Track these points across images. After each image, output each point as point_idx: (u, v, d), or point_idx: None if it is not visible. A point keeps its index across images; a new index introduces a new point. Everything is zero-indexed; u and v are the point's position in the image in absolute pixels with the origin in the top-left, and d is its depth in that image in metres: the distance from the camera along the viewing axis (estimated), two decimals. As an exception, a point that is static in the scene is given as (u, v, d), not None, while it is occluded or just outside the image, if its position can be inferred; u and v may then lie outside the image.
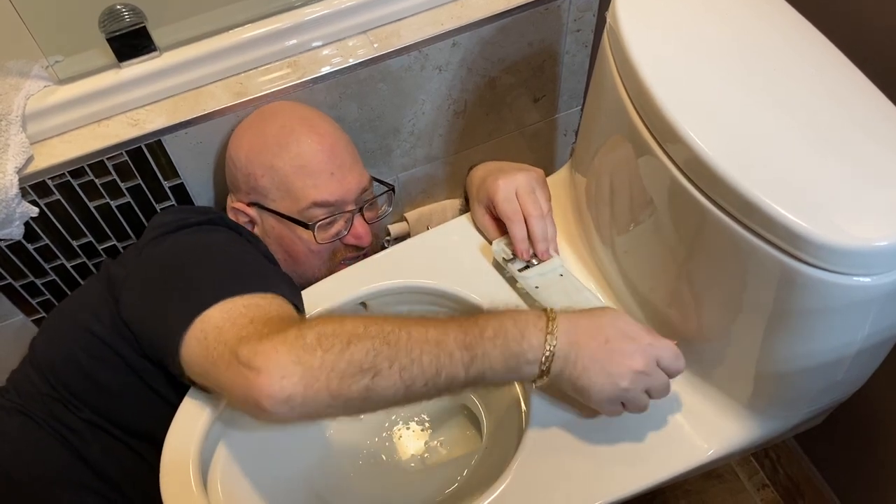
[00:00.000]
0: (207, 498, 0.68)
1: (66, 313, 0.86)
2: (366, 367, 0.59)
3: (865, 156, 0.59)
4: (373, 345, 0.60)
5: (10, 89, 0.87)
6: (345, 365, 0.59)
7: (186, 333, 0.67)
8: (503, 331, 0.64)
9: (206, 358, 0.65)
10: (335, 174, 0.89)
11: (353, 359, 0.59)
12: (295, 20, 0.95)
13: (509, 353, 0.63)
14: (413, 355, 0.60)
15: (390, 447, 0.88)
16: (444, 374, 0.61)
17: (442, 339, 0.62)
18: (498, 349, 0.63)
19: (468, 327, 0.64)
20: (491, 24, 1.02)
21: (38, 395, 0.81)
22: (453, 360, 0.62)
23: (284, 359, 0.58)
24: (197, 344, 0.66)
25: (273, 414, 0.59)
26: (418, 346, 0.61)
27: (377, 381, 0.59)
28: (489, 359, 0.63)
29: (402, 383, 0.60)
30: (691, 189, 0.61)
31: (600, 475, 0.70)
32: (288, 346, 0.59)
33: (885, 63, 0.70)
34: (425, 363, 0.61)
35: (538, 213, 0.82)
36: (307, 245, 0.90)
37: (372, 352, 0.59)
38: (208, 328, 0.66)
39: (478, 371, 0.62)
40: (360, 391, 0.59)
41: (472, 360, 0.62)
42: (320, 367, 0.58)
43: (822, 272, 0.55)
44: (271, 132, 0.89)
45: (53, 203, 0.94)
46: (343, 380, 0.58)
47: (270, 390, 0.57)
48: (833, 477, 1.08)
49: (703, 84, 0.64)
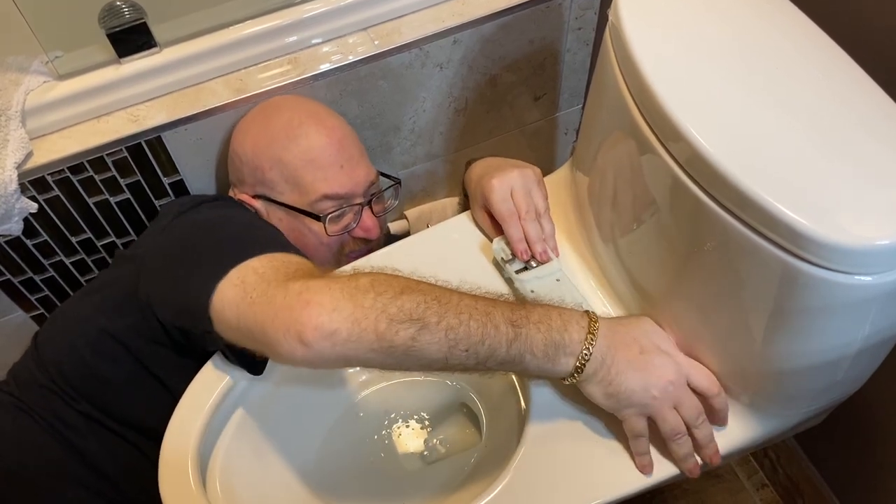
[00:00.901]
0: (206, 494, 0.68)
1: (73, 308, 0.87)
2: (415, 317, 0.59)
3: (867, 155, 0.58)
4: (424, 298, 0.60)
5: (9, 84, 0.87)
6: (395, 310, 0.59)
7: (221, 282, 0.66)
8: (548, 319, 0.65)
9: (243, 300, 0.64)
10: (344, 167, 0.89)
11: (403, 306, 0.59)
12: (295, 17, 0.95)
13: (551, 341, 0.64)
14: (462, 318, 0.61)
15: (390, 445, 0.88)
16: (488, 344, 0.62)
17: (490, 311, 0.63)
18: (541, 334, 0.64)
19: (515, 307, 0.65)
20: (492, 22, 1.01)
21: (36, 387, 0.81)
22: (499, 332, 0.62)
23: (338, 294, 0.59)
24: (233, 289, 0.65)
25: (313, 348, 0.58)
26: (467, 310, 0.62)
27: (423, 334, 0.59)
28: (531, 341, 0.63)
29: (446, 342, 0.60)
30: (693, 187, 0.60)
31: (599, 474, 0.70)
32: (341, 284, 0.59)
33: (888, 62, 0.70)
34: (472, 328, 0.61)
35: (533, 214, 0.81)
36: (318, 237, 0.90)
37: (423, 304, 0.60)
38: (248, 273, 0.66)
39: (518, 351, 0.63)
40: (406, 340, 0.59)
41: (516, 338, 0.63)
42: (371, 307, 0.59)
43: (824, 271, 0.55)
44: (278, 125, 0.89)
45: (53, 199, 0.93)
46: (391, 324, 0.59)
47: (319, 320, 0.57)
48: (832, 477, 1.08)
49: (706, 82, 0.64)
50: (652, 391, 0.66)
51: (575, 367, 0.65)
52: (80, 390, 0.80)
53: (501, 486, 0.68)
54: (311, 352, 0.58)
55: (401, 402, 0.90)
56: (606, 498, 0.68)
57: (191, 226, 0.79)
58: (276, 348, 0.60)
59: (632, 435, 0.68)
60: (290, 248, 0.72)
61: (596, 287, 0.83)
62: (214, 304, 0.66)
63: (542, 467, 0.70)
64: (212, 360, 0.76)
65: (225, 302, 0.66)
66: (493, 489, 0.68)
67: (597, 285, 0.83)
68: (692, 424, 0.67)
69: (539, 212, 0.82)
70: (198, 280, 0.68)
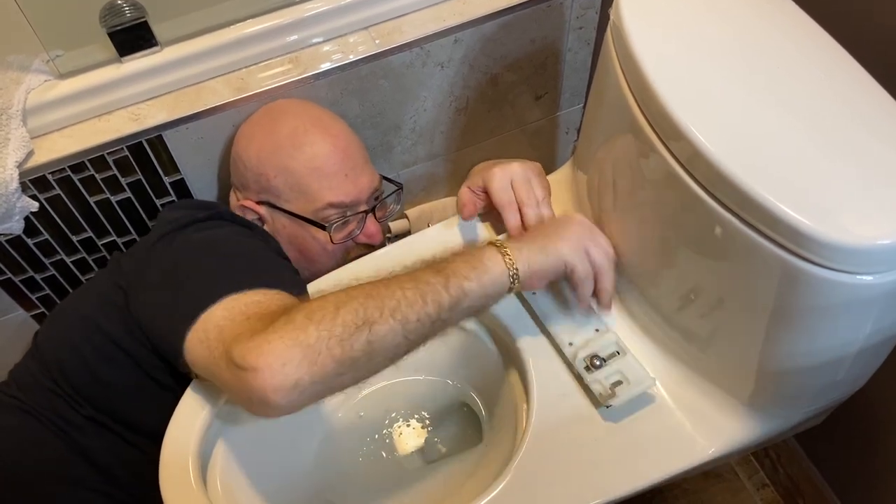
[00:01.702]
0: (207, 494, 0.68)
1: (73, 307, 0.86)
2: (360, 323, 0.60)
3: (869, 154, 0.58)
4: (358, 302, 0.61)
5: (10, 83, 0.87)
6: (340, 329, 0.59)
7: (189, 334, 0.67)
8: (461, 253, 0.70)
9: (208, 359, 0.65)
10: (349, 175, 0.89)
11: (346, 321, 0.60)
12: (296, 16, 0.95)
13: (474, 263, 0.68)
14: (396, 296, 0.63)
15: (390, 444, 0.88)
16: (430, 300, 0.64)
17: (415, 275, 0.66)
18: (463, 263, 0.68)
19: (430, 262, 0.69)
20: (493, 21, 1.01)
21: (39, 389, 0.81)
22: (431, 284, 0.65)
23: (278, 347, 0.58)
24: (199, 344, 0.66)
25: (284, 405, 0.58)
26: (397, 287, 0.64)
27: (375, 331, 0.60)
28: (460, 273, 0.67)
29: (398, 324, 0.62)
30: (694, 187, 0.60)
31: (600, 473, 0.70)
32: (279, 333, 0.59)
33: (890, 60, 0.70)
34: (409, 297, 0.63)
35: (532, 201, 0.81)
36: (322, 245, 0.91)
37: (360, 308, 0.61)
38: (210, 327, 0.66)
39: (456, 286, 0.66)
40: (363, 347, 0.60)
41: (447, 279, 0.66)
42: (317, 340, 0.58)
43: (825, 270, 0.55)
44: (284, 133, 0.89)
45: (54, 198, 0.93)
46: (343, 342, 0.59)
47: (274, 383, 0.57)
48: (833, 476, 1.08)
49: (707, 81, 0.64)
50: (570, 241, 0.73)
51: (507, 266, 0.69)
52: (82, 392, 0.80)
53: (502, 485, 0.68)
54: (284, 408, 0.59)
55: (401, 402, 0.90)
56: (606, 498, 0.68)
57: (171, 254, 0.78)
58: (251, 412, 0.61)
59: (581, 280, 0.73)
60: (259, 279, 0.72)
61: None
62: (187, 355, 0.68)
63: (542, 467, 0.70)
64: (212, 360, 0.76)
65: (196, 355, 0.67)
66: (493, 489, 0.68)
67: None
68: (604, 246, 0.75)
69: (538, 199, 0.82)
70: (171, 324, 0.70)
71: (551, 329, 0.77)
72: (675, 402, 0.73)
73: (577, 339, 0.76)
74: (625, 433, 0.72)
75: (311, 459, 0.83)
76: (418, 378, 0.90)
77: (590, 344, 0.75)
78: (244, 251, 0.79)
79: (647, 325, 0.78)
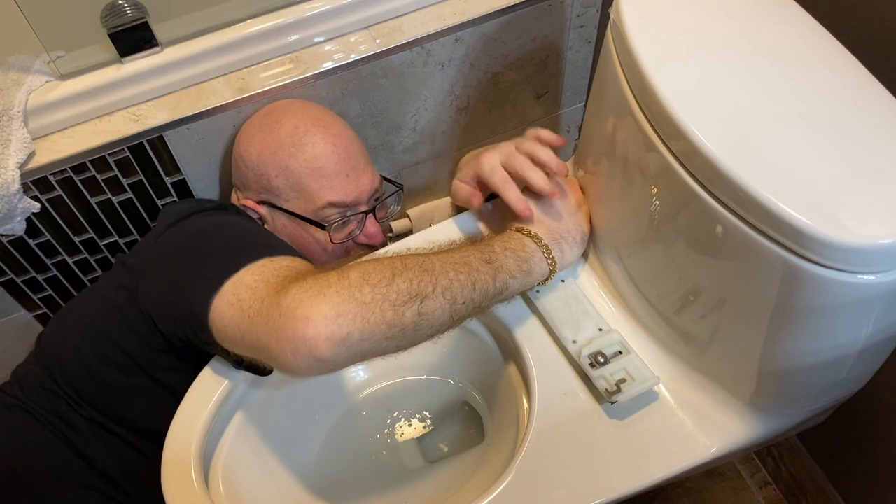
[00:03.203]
0: (209, 494, 0.68)
1: (76, 309, 0.86)
2: (413, 294, 0.62)
3: (870, 153, 0.58)
4: (414, 274, 0.63)
5: (11, 84, 0.87)
6: (395, 295, 0.61)
7: (216, 298, 0.66)
8: (508, 246, 0.74)
9: (242, 318, 0.63)
10: (350, 175, 0.89)
11: (400, 289, 0.61)
12: (297, 16, 0.95)
13: (520, 259, 0.73)
14: (450, 276, 0.65)
15: (392, 444, 0.88)
16: (478, 287, 0.67)
17: (467, 259, 0.68)
18: (511, 259, 0.72)
19: (481, 247, 0.72)
20: (494, 20, 1.01)
21: (41, 390, 0.81)
22: (481, 273, 0.68)
23: (335, 299, 0.58)
24: (230, 307, 0.65)
25: (329, 358, 0.57)
26: (452, 267, 0.66)
27: (426, 305, 0.62)
28: (507, 268, 0.71)
29: (447, 303, 0.64)
30: (695, 186, 0.60)
31: (602, 472, 0.70)
32: (334, 287, 0.59)
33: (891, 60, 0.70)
34: (462, 279, 0.66)
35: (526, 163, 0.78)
36: (321, 244, 0.91)
37: (415, 280, 0.63)
38: (241, 289, 0.65)
39: (502, 281, 0.70)
40: (413, 317, 0.61)
41: (496, 272, 0.70)
42: (373, 301, 0.59)
43: (827, 270, 0.54)
44: (284, 132, 0.89)
45: (55, 198, 0.94)
46: (396, 308, 0.60)
47: (328, 332, 0.57)
48: (836, 475, 1.08)
49: (708, 81, 0.64)
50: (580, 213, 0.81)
51: (549, 265, 0.76)
52: (83, 393, 0.80)
53: (504, 485, 0.68)
54: (328, 363, 0.58)
55: (403, 401, 0.90)
56: (608, 497, 0.68)
57: (185, 237, 0.78)
58: (289, 367, 0.59)
59: None
60: (280, 250, 0.72)
61: (598, 286, 0.83)
62: (214, 320, 0.66)
63: (544, 466, 0.70)
64: (213, 361, 0.77)
65: (225, 321, 0.65)
66: (495, 488, 0.68)
67: (599, 284, 0.83)
68: None
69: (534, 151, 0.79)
70: (192, 296, 0.68)
71: (554, 327, 0.77)
72: (676, 402, 0.73)
73: (581, 338, 0.76)
74: (627, 432, 0.72)
75: (313, 459, 0.83)
76: (420, 377, 0.90)
77: (593, 342, 0.75)
78: (258, 230, 0.81)
79: (648, 324, 0.78)
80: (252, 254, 0.69)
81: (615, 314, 0.81)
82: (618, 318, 0.80)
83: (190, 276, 0.71)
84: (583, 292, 0.81)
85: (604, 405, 0.73)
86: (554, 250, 0.76)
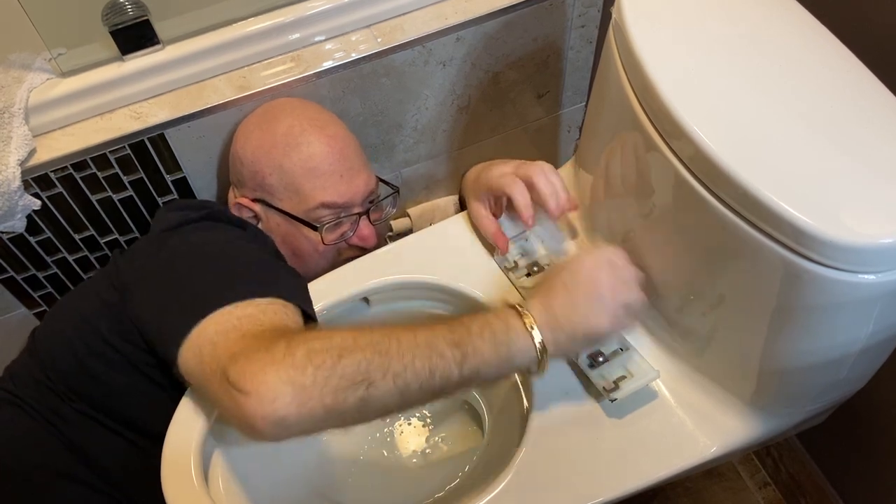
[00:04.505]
0: (209, 492, 0.68)
1: (70, 305, 0.86)
2: (359, 380, 0.58)
3: (871, 153, 0.58)
4: (364, 356, 0.59)
5: (12, 82, 0.87)
6: (337, 380, 0.58)
7: (183, 345, 0.67)
8: (488, 325, 0.65)
9: (201, 373, 0.65)
10: (344, 176, 0.89)
11: (345, 372, 0.58)
12: (298, 14, 0.95)
13: (498, 343, 0.64)
14: (405, 361, 0.60)
15: (392, 443, 0.88)
16: (438, 375, 0.61)
17: (431, 341, 0.62)
18: (487, 342, 0.64)
19: (454, 326, 0.64)
20: (495, 19, 1.01)
21: (33, 383, 0.81)
22: (445, 359, 0.61)
23: (273, 380, 0.57)
24: (193, 357, 0.66)
25: (268, 434, 0.58)
26: (409, 350, 0.61)
27: (372, 392, 0.59)
28: (480, 353, 0.63)
29: (396, 390, 0.59)
30: (696, 186, 0.60)
31: (602, 471, 0.70)
32: (276, 366, 0.58)
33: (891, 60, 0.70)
34: (418, 367, 0.60)
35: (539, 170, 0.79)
36: (313, 245, 0.91)
37: (364, 363, 0.59)
38: (203, 342, 0.65)
39: (471, 368, 0.62)
40: (356, 403, 0.58)
41: (464, 357, 0.62)
42: (312, 385, 0.57)
43: (827, 269, 0.54)
44: (280, 131, 0.89)
45: (56, 196, 0.94)
46: (337, 394, 0.58)
47: (263, 412, 0.56)
48: (835, 475, 1.08)
49: (709, 80, 0.64)
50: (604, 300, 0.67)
51: (539, 353, 0.65)
52: (75, 387, 0.80)
53: (503, 484, 0.68)
54: (268, 437, 0.58)
55: (403, 400, 0.90)
56: (608, 496, 0.68)
57: (170, 256, 0.78)
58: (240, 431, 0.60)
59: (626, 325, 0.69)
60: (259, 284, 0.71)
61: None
62: (181, 366, 0.68)
63: (544, 466, 0.70)
64: (214, 358, 0.76)
65: (189, 367, 0.67)
66: (494, 487, 0.68)
67: (599, 283, 0.83)
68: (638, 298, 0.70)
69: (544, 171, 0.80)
70: (165, 336, 0.69)
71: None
72: (676, 401, 0.73)
73: (579, 338, 0.76)
74: (626, 432, 0.72)
75: (313, 458, 0.83)
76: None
77: (592, 342, 0.75)
78: (236, 255, 0.78)
79: (648, 323, 0.78)
80: (218, 298, 0.68)
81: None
82: (618, 317, 0.80)
83: (165, 311, 0.72)
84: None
85: (603, 404, 0.73)
86: (542, 328, 0.66)
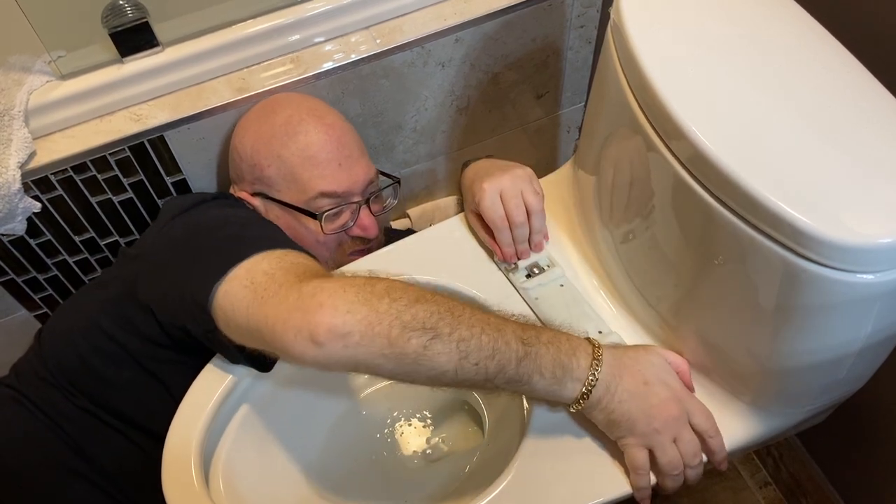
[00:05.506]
0: (209, 492, 0.68)
1: (75, 302, 0.87)
2: (428, 326, 0.59)
3: (870, 153, 0.58)
4: (437, 308, 0.60)
5: (12, 84, 0.87)
6: (409, 317, 0.59)
7: (224, 282, 0.66)
8: (557, 341, 0.65)
9: (253, 299, 0.63)
10: (343, 165, 0.89)
11: (417, 314, 0.59)
12: (297, 16, 0.95)
13: (559, 363, 0.64)
14: (473, 330, 0.61)
15: (392, 443, 0.88)
16: (497, 359, 0.62)
17: (502, 327, 0.63)
18: (550, 355, 0.64)
19: (526, 326, 0.65)
20: (494, 20, 1.01)
21: (36, 379, 0.81)
22: (509, 348, 0.62)
23: (352, 297, 0.58)
24: (242, 289, 0.65)
25: (325, 348, 0.58)
26: (479, 324, 0.62)
27: (434, 343, 0.59)
28: (540, 361, 0.63)
29: (457, 353, 0.60)
30: (695, 186, 0.60)
31: (602, 472, 0.70)
32: (356, 287, 0.59)
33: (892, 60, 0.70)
34: (483, 341, 0.61)
35: (522, 216, 0.82)
36: (314, 235, 0.90)
37: (436, 314, 0.60)
38: (257, 274, 0.65)
39: (526, 370, 0.63)
40: (417, 348, 0.59)
41: (526, 356, 0.63)
42: (386, 312, 0.58)
43: (826, 269, 0.54)
44: (278, 122, 0.89)
45: (56, 198, 0.94)
46: (404, 331, 0.58)
47: (333, 322, 0.57)
48: (836, 475, 1.08)
49: (708, 80, 0.64)
50: (654, 423, 0.65)
51: (581, 392, 0.65)
52: (78, 386, 0.80)
53: (504, 484, 0.68)
54: (323, 352, 0.58)
55: (403, 401, 0.90)
56: (608, 496, 0.68)
57: (190, 226, 0.78)
58: (287, 348, 0.60)
59: (632, 467, 0.67)
60: (295, 247, 0.72)
61: (599, 286, 0.83)
62: (220, 303, 0.66)
63: (544, 465, 0.70)
64: (214, 359, 0.77)
65: (234, 302, 0.65)
66: (495, 487, 0.68)
67: (599, 284, 0.83)
68: (689, 463, 0.67)
69: (530, 210, 0.83)
70: (198, 279, 0.68)
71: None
72: (676, 401, 0.73)
73: (579, 339, 0.76)
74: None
75: (313, 459, 0.83)
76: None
77: (592, 343, 0.75)
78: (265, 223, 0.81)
79: (648, 324, 0.78)
80: (268, 243, 0.69)
81: (615, 315, 0.81)
82: (618, 318, 0.80)
83: (198, 261, 0.71)
84: (582, 294, 0.81)
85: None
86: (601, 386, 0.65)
